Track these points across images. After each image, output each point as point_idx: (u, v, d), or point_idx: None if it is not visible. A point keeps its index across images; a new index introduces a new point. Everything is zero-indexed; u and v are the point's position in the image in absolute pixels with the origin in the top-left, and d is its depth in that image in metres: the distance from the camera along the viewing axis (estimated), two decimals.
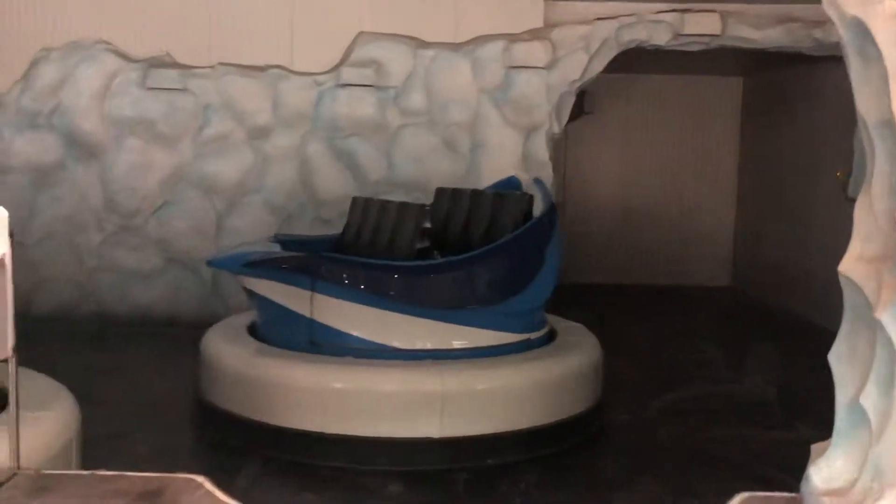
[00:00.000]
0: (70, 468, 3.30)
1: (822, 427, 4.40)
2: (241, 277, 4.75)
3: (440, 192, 5.85)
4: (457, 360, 4.52)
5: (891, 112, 2.33)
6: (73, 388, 3.75)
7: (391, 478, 4.09)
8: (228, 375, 4.64)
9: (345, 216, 7.16)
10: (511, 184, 5.78)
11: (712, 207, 10.44)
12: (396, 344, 4.61)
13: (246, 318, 5.28)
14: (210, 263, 4.99)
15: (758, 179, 10.00)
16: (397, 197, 7.04)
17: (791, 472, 3.81)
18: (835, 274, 2.40)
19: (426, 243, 5.18)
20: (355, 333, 4.59)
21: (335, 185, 7.11)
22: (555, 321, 5.31)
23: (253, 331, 5.02)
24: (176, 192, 7.12)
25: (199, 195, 7.13)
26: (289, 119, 7.08)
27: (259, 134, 7.09)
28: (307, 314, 4.57)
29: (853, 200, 7.87)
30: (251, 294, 4.79)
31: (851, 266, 2.51)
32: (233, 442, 4.46)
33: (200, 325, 6.98)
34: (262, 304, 4.83)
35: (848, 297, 2.56)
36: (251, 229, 7.11)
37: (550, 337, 5.09)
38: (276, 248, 5.42)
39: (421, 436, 4.27)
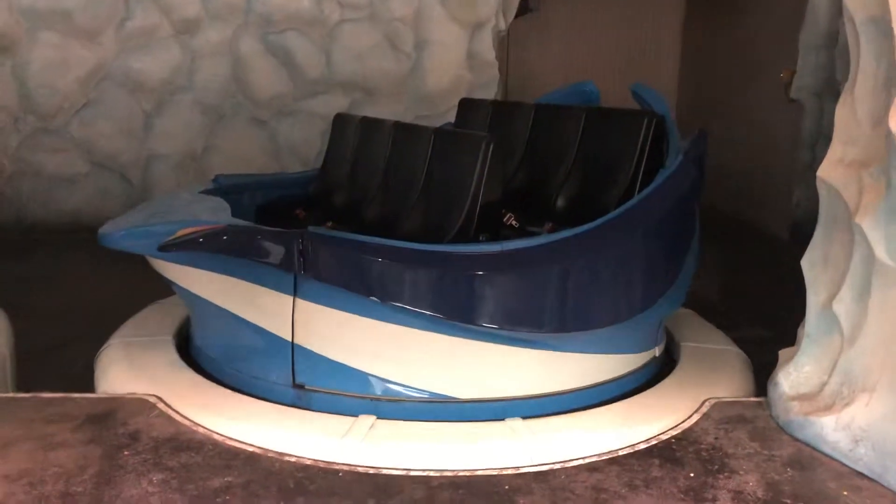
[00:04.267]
0: (6, 388, 3.11)
1: (772, 327, 4.51)
2: (159, 262, 2.79)
3: (469, 107, 4.02)
4: (562, 413, 2.69)
5: (883, 8, 2.23)
6: (1, 301, 3.52)
7: None
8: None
9: (282, 116, 6.91)
10: (584, 94, 3.84)
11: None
12: (451, 390, 2.68)
13: (172, 318, 3.35)
14: (103, 239, 2.69)
15: (699, 80, 9.96)
16: (336, 98, 6.78)
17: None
18: (772, 175, 2.30)
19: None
20: (376, 373, 2.66)
21: (270, 83, 6.74)
22: None
23: (187, 347, 3.16)
24: (99, 91, 6.65)
25: (124, 94, 6.68)
26: (219, 12, 6.61)
27: (187, 28, 6.62)
28: (286, 336, 2.68)
29: (794, 102, 7.81)
30: (181, 291, 2.93)
31: (830, 170, 2.46)
32: None
33: None
34: (202, 310, 2.96)
35: (825, 202, 2.52)
36: (182, 131, 6.74)
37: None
38: (219, 204, 3.06)
39: None
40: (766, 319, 4.92)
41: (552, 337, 2.71)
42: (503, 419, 2.61)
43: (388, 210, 3.25)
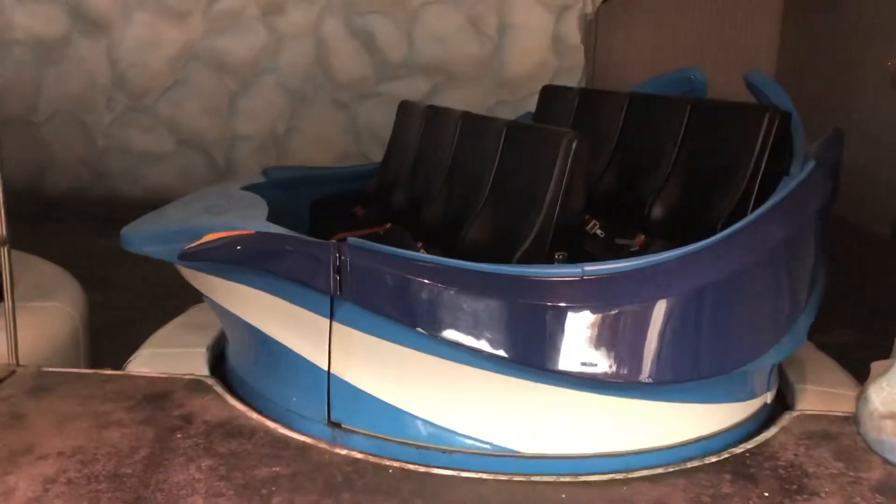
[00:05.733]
0: (78, 362, 3.17)
1: (864, 332, 4.23)
2: (185, 270, 2.52)
3: (552, 95, 3.66)
4: (655, 476, 2.23)
5: None
6: (82, 273, 3.59)
7: None
8: None
9: (363, 99, 6.88)
10: (689, 82, 3.46)
11: (748, 97, 9.94)
12: (513, 442, 2.29)
13: (210, 325, 3.00)
14: (124, 242, 2.53)
15: (798, 68, 9.47)
16: (417, 82, 6.69)
17: None
18: (874, 170, 2.03)
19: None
20: (426, 416, 2.31)
21: (352, 66, 6.72)
22: None
23: (223, 366, 2.85)
24: (186, 71, 6.77)
25: (210, 74, 6.78)
26: None
27: (273, 9, 6.66)
28: (321, 364, 2.36)
29: None
30: (209, 302, 2.70)
31: None
32: None
33: None
34: (231, 326, 2.70)
35: None
36: (265, 112, 6.80)
37: None
38: (255, 203, 2.79)
39: None
40: (858, 323, 4.64)
41: (639, 385, 2.25)
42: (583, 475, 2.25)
43: (451, 213, 2.87)
